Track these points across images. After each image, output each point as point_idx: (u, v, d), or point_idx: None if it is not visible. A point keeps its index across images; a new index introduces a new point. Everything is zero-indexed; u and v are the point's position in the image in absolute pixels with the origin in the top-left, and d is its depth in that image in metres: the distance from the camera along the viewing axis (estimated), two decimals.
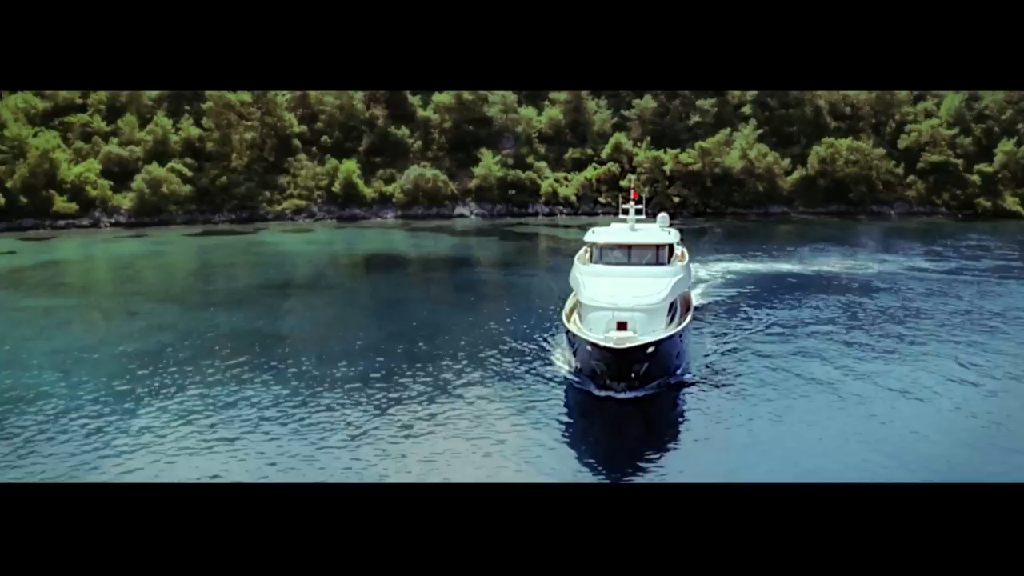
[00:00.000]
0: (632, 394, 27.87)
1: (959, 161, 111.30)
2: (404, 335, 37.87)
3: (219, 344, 36.61)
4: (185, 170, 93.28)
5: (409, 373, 31.65)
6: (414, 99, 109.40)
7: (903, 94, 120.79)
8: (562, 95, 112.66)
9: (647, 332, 27.45)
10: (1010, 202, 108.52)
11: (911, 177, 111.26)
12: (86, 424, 25.49)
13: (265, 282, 55.46)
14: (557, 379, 31.00)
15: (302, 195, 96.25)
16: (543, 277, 59.20)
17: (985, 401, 28.78)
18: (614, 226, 37.48)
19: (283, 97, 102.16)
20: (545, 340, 36.39)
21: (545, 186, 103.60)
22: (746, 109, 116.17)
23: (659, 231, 35.82)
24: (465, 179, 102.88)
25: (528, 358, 33.68)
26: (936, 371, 31.83)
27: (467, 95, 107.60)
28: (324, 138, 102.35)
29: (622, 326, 27.31)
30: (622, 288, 29.83)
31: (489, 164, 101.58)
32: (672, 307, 30.39)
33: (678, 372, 30.18)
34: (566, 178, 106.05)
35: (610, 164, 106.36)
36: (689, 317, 31.92)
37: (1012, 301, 47.41)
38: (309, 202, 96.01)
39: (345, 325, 41.98)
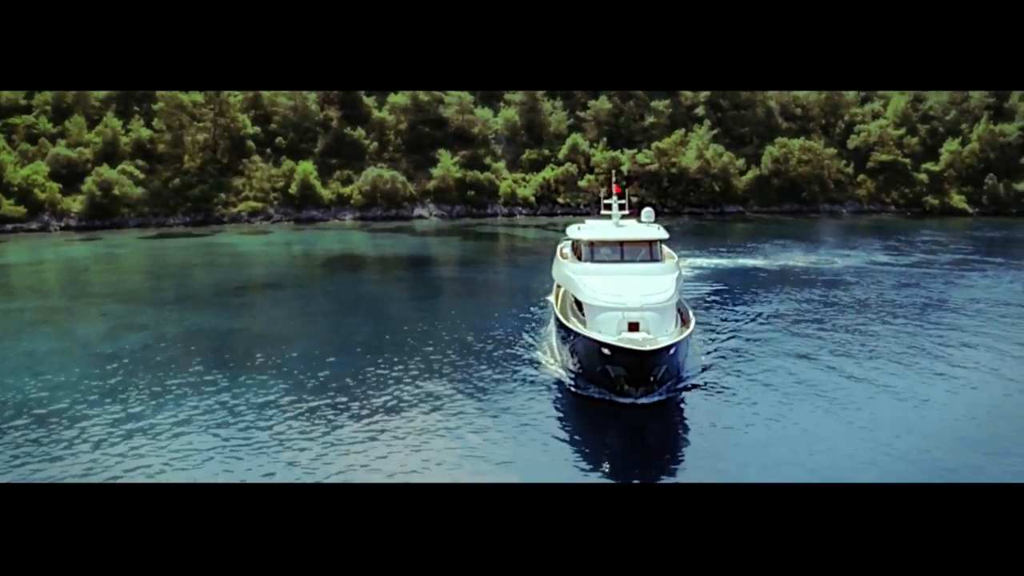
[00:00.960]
0: (649, 399, 26.64)
1: (907, 160, 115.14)
2: (384, 333, 37.58)
3: (195, 344, 36.21)
4: (137, 172, 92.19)
5: (394, 372, 31.01)
6: (369, 100, 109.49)
7: (850, 95, 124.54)
8: (517, 96, 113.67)
9: (660, 332, 26.44)
10: (956, 200, 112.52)
11: (861, 176, 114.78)
12: (67, 425, 24.90)
13: (231, 283, 55.06)
14: (550, 381, 29.84)
15: (258, 197, 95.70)
16: (512, 275, 60.09)
17: (982, 396, 28.92)
18: (597, 222, 36.27)
19: (236, 98, 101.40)
20: (526, 338, 36.19)
21: (504, 187, 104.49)
22: (699, 110, 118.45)
23: (648, 227, 34.31)
24: (423, 180, 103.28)
25: (517, 361, 32.58)
26: (931, 366, 32.10)
27: (422, 96, 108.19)
28: (279, 139, 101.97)
29: (634, 327, 26.30)
30: (626, 287, 28.57)
31: (447, 165, 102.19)
32: (678, 305, 29.59)
33: (684, 375, 29.03)
34: (524, 179, 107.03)
35: (567, 165, 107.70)
36: (693, 317, 30.22)
37: (979, 292, 49.35)
38: (265, 204, 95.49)
39: (322, 324, 41.62)
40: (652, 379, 26.13)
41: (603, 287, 28.69)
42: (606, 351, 25.53)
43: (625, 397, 26.53)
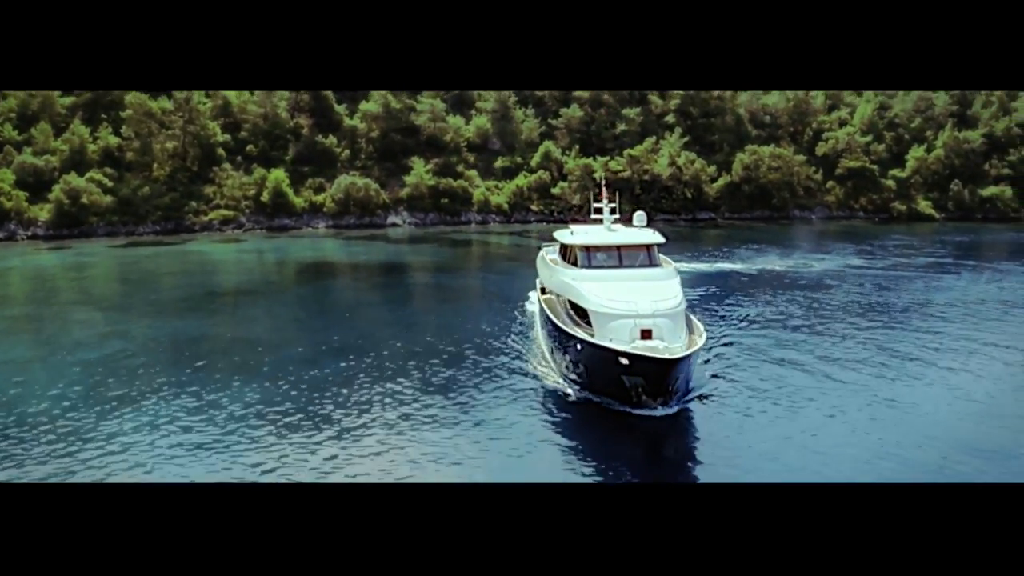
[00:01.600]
0: (665, 410, 26.10)
1: (874, 167, 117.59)
2: (370, 341, 37.31)
3: (175, 350, 35.93)
4: (105, 180, 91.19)
5: (385, 379, 30.64)
6: (340, 108, 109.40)
7: (818, 103, 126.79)
8: (489, 104, 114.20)
9: (673, 339, 26.05)
10: (923, 205, 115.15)
11: (830, 183, 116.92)
12: (49, 430, 24.76)
13: (206, 291, 54.85)
14: (549, 391, 29.50)
15: (229, 205, 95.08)
16: (492, 281, 60.85)
17: (980, 396, 29.26)
18: (589, 227, 35.69)
19: (205, 105, 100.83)
20: (514, 345, 36.17)
21: (477, 195, 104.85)
22: (669, 118, 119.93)
23: (643, 231, 33.72)
24: (396, 188, 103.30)
25: (512, 371, 32.17)
26: (928, 368, 32.49)
27: (394, 103, 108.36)
28: (249, 147, 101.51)
29: (647, 334, 25.74)
30: (634, 293, 27.86)
31: (420, 173, 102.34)
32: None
33: (693, 384, 28.28)
34: (497, 186, 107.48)
35: (540, 172, 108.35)
36: (699, 323, 29.50)
37: (958, 294, 50.78)
38: (237, 212, 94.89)
39: (307, 331, 41.09)
40: (669, 389, 25.53)
41: (609, 294, 27.99)
42: (624, 360, 24.77)
43: (641, 408, 25.90)
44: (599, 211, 35.89)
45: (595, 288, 28.64)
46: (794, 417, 26.67)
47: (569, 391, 28.70)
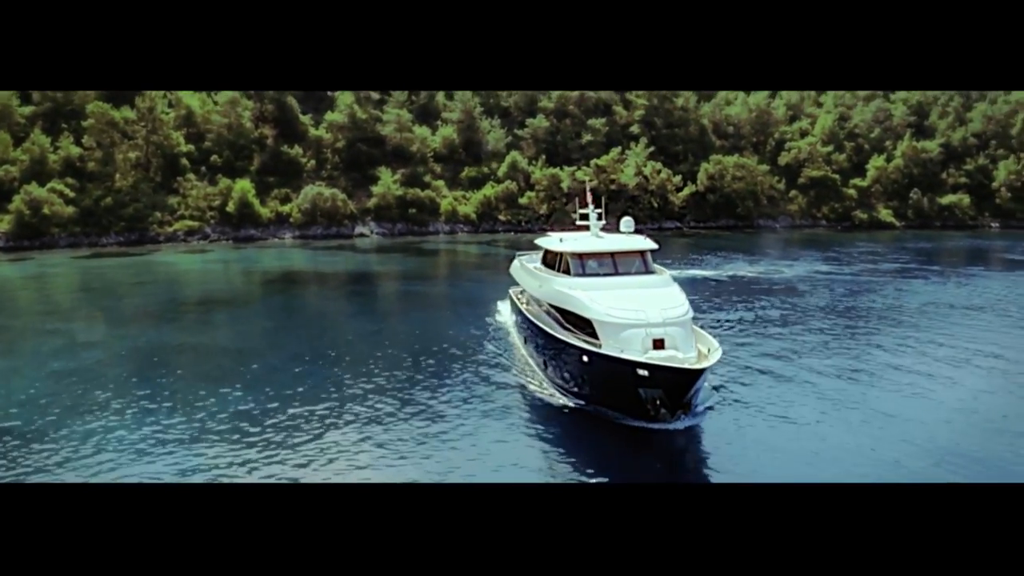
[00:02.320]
0: (683, 423, 25.27)
1: (836, 176, 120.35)
2: (347, 349, 37.43)
3: (149, 359, 35.60)
4: (67, 190, 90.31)
5: (377, 386, 30.78)
6: (305, 118, 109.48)
7: (779, 113, 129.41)
8: (455, 114, 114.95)
9: (686, 348, 25.19)
10: (884, 214, 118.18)
11: (793, 192, 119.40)
12: (26, 438, 24.73)
13: (176, 300, 54.43)
14: (544, 403, 28.59)
15: (194, 216, 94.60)
16: (468, 289, 60.88)
17: (975, 391, 29.68)
18: (577, 234, 34.44)
19: (168, 115, 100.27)
20: (492, 352, 35.88)
21: (444, 204, 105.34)
22: (634, 128, 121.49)
23: (636, 237, 32.49)
24: (363, 198, 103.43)
25: (501, 383, 31.16)
26: (917, 371, 32.94)
27: (360, 114, 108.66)
28: (213, 157, 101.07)
29: (659, 344, 24.88)
30: (639, 301, 26.86)
31: (387, 183, 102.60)
32: None
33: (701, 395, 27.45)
34: (464, 196, 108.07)
35: (507, 182, 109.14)
36: (707, 333, 28.47)
37: (928, 297, 52.51)
38: (202, 223, 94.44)
39: (285, 338, 40.94)
40: (688, 401, 24.78)
41: (613, 302, 26.87)
42: (643, 372, 23.77)
43: (658, 422, 24.91)
44: (585, 217, 35.08)
45: (597, 297, 27.47)
46: (790, 419, 26.60)
47: (568, 403, 27.91)
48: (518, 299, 37.64)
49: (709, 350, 25.73)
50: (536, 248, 38.66)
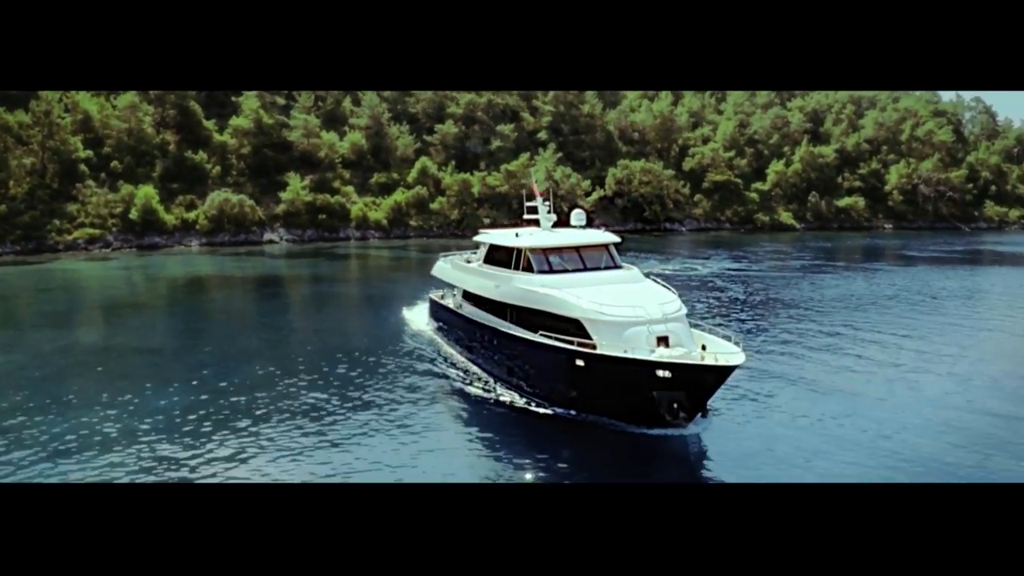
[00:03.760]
0: (698, 428, 24.10)
1: (738, 181, 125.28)
2: (273, 346, 38.00)
3: (73, 359, 35.48)
4: None
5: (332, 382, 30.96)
6: (208, 123, 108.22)
7: (682, 120, 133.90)
8: (363, 120, 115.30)
9: (689, 345, 23.96)
10: (784, 216, 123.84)
11: (698, 196, 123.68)
12: None
13: (85, 305, 53.75)
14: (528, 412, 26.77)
15: (95, 223, 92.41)
16: (393, 288, 61.35)
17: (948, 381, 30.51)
18: (531, 229, 32.62)
19: (65, 119, 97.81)
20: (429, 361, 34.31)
21: (355, 210, 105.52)
22: (542, 135, 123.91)
23: (597, 231, 31.77)
24: (271, 204, 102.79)
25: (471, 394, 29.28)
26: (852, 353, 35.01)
27: (266, 119, 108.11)
28: (114, 163, 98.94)
29: (663, 341, 23.62)
30: (631, 297, 25.52)
31: (296, 189, 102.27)
32: None
33: None
34: (375, 202, 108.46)
35: (418, 188, 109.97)
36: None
37: (840, 291, 56.00)
38: (104, 231, 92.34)
39: (200, 338, 41.00)
40: (707, 403, 23.54)
41: (604, 299, 25.19)
42: (663, 373, 22.31)
43: (674, 428, 23.59)
44: (533, 211, 33.26)
45: (581, 294, 25.70)
46: (785, 418, 26.01)
47: (547, 411, 26.23)
48: (445, 302, 36.68)
49: (704, 346, 24.47)
50: (459, 250, 38.05)
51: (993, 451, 22.75)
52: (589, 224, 33.24)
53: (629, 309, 24.52)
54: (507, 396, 28.07)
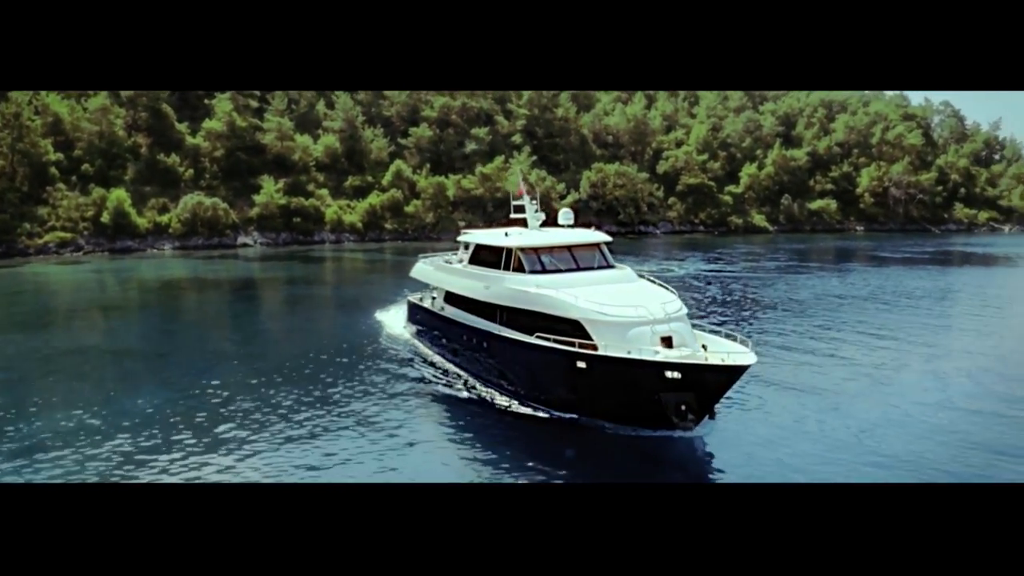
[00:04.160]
0: (704, 430, 23.58)
1: (712, 184, 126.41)
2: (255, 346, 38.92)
3: (49, 361, 35.38)
4: None
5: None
6: (181, 126, 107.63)
7: (655, 124, 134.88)
8: (336, 123, 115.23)
9: (693, 345, 23.69)
10: (757, 219, 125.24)
11: (672, 199, 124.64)
12: None
13: (58, 308, 53.29)
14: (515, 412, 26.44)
15: (66, 227, 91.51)
16: (370, 291, 61.44)
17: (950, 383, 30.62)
18: (518, 229, 32.10)
19: (35, 121, 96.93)
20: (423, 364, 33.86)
21: (329, 213, 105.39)
22: (516, 138, 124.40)
23: (586, 230, 31.25)
24: (245, 207, 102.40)
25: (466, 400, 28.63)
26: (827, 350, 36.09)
27: (239, 122, 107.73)
28: (85, 166, 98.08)
29: (667, 341, 23.25)
30: (631, 297, 25.19)
31: (270, 192, 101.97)
32: None
33: None
34: (349, 205, 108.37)
35: (392, 191, 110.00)
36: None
37: (821, 289, 56.65)
38: (75, 234, 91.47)
39: (177, 340, 41.19)
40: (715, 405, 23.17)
41: (604, 299, 24.76)
42: (673, 375, 21.83)
43: (682, 431, 23.02)
44: (520, 210, 32.95)
45: (579, 294, 25.25)
46: (780, 418, 26.02)
47: (543, 414, 25.79)
48: (425, 304, 36.08)
49: (705, 345, 24.22)
50: (435, 252, 37.43)
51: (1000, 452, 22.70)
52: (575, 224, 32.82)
53: (631, 309, 24.06)
54: (499, 400, 27.51)
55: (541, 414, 25.77)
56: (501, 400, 27.50)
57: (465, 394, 28.84)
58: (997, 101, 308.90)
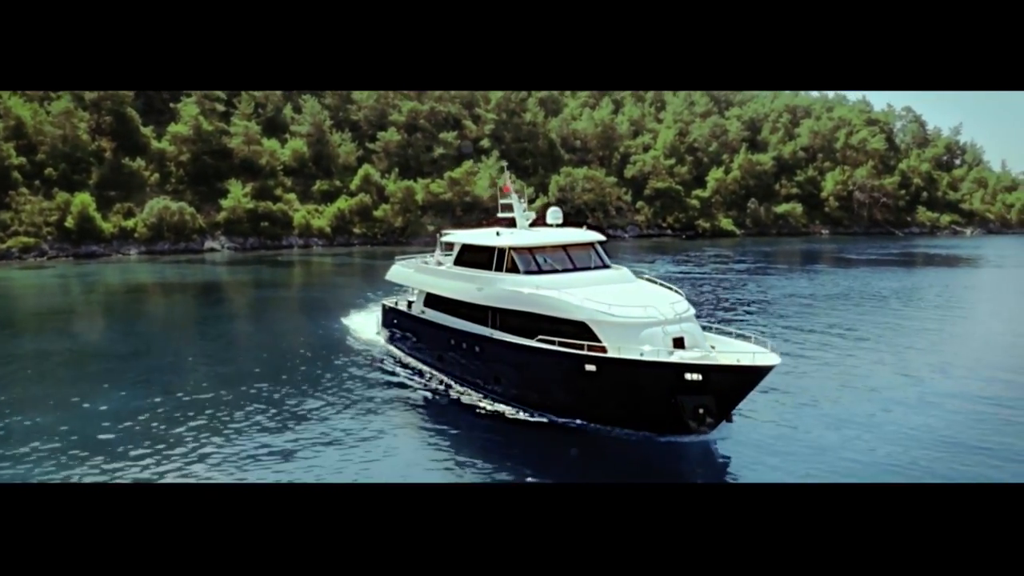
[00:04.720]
0: (719, 434, 23.04)
1: (679, 188, 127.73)
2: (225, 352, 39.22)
3: (13, 364, 35.20)
4: None
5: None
6: (146, 130, 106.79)
7: (623, 128, 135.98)
8: (304, 127, 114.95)
9: (704, 346, 23.32)
10: (725, 222, 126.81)
11: (640, 203, 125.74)
12: None
13: (24, 312, 53.13)
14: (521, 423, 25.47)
15: (29, 232, 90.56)
16: (340, 294, 61.46)
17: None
18: (509, 229, 30.89)
19: None
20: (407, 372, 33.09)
21: (298, 218, 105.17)
22: (484, 142, 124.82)
23: (578, 230, 30.28)
24: (212, 212, 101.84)
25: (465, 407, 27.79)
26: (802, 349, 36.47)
27: (205, 126, 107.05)
28: (48, 170, 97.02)
29: (679, 343, 22.77)
30: (638, 297, 24.64)
31: (237, 196, 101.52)
32: None
33: None
34: (318, 210, 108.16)
35: (361, 195, 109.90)
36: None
37: (791, 289, 57.53)
38: (38, 239, 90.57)
39: (148, 342, 41.14)
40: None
41: (610, 300, 23.92)
42: (693, 376, 21.21)
43: (697, 434, 22.47)
44: (508, 208, 32.13)
45: (583, 295, 24.49)
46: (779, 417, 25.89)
47: (542, 419, 25.08)
48: (402, 308, 35.31)
49: (713, 346, 23.83)
50: (412, 255, 37.05)
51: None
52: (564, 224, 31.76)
53: (640, 309, 23.34)
54: (490, 405, 26.80)
55: (538, 419, 25.06)
56: (492, 405, 26.76)
57: (449, 398, 28.44)
58: (958, 106, 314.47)
